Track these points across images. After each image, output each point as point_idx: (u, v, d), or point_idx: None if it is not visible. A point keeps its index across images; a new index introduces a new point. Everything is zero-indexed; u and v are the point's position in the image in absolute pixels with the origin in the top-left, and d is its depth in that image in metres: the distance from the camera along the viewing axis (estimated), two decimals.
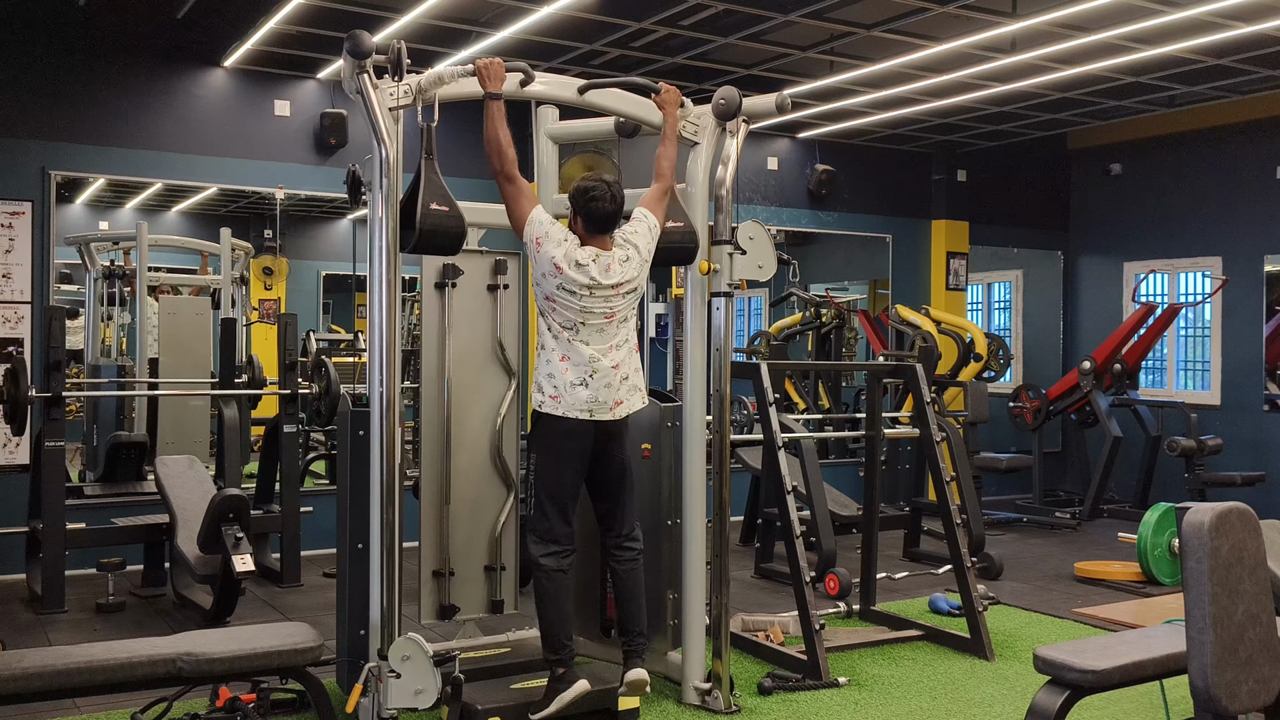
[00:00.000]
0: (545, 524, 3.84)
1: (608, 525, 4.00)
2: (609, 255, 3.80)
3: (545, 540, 3.84)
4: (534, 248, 3.76)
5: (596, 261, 3.76)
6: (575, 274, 3.73)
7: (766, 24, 6.09)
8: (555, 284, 3.74)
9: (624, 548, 3.98)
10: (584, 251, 3.77)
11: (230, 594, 5.07)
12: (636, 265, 3.85)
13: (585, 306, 3.76)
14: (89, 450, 7.09)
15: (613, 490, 3.96)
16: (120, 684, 3.09)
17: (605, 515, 4.00)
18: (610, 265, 3.79)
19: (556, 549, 3.84)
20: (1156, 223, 9.29)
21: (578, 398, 3.76)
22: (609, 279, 3.77)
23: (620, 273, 3.80)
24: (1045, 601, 5.85)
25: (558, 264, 3.72)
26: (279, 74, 6.95)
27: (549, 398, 3.78)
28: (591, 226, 3.82)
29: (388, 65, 3.51)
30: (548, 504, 3.84)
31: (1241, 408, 8.66)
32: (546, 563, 3.83)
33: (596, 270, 3.75)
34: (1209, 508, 2.53)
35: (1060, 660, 2.97)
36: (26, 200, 6.21)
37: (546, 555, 3.83)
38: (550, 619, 3.82)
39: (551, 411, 3.78)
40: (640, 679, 3.81)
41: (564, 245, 3.75)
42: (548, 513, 3.84)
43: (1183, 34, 6.27)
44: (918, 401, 5.29)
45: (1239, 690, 2.48)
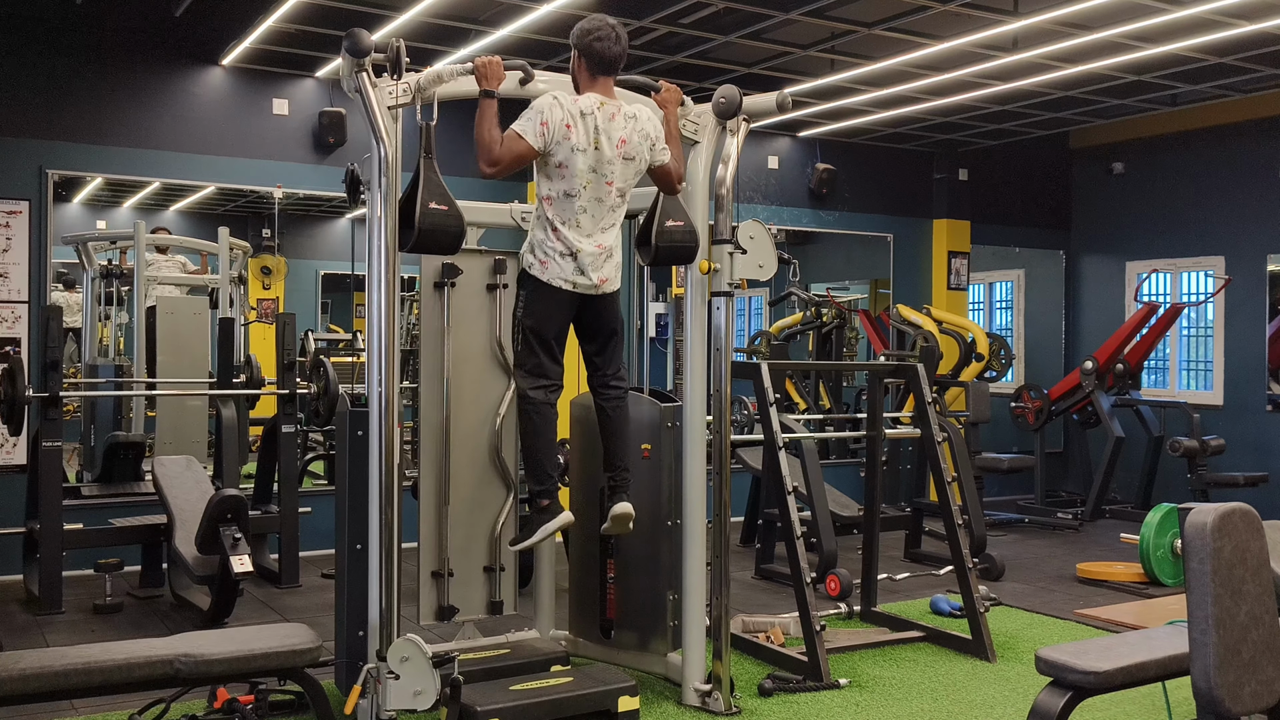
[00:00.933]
0: (534, 360, 3.84)
1: (595, 365, 4.03)
2: (614, 104, 3.76)
3: (534, 374, 3.84)
4: (540, 128, 3.65)
5: (601, 109, 3.71)
6: (582, 127, 3.67)
7: (767, 22, 6.09)
8: (569, 146, 3.67)
9: (610, 385, 4.02)
10: (586, 99, 3.72)
11: (228, 595, 5.06)
12: (638, 139, 3.78)
13: (590, 166, 3.70)
14: (86, 450, 7.07)
15: (602, 336, 3.98)
16: (118, 685, 3.09)
17: (592, 355, 4.02)
18: (614, 115, 3.74)
19: (546, 383, 3.84)
20: (1159, 222, 9.28)
21: (564, 268, 3.76)
22: (613, 130, 3.72)
23: (624, 127, 3.75)
24: (1047, 602, 5.84)
25: (568, 123, 3.66)
26: (277, 72, 6.94)
27: (538, 262, 3.78)
28: (595, 68, 3.76)
29: (386, 64, 3.50)
30: (534, 340, 3.83)
31: (1244, 408, 8.65)
32: (535, 395, 3.83)
33: (601, 118, 3.70)
34: (1212, 508, 2.52)
35: (1062, 661, 2.96)
36: (24, 199, 6.21)
37: (535, 388, 3.83)
38: (537, 450, 3.84)
39: (539, 276, 3.78)
40: (626, 511, 3.89)
41: (563, 107, 3.67)
42: (535, 349, 3.83)
43: (1185, 32, 6.26)
44: (919, 402, 5.27)
45: (1242, 692, 2.46)
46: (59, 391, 5.39)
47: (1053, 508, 8.55)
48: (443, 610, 4.34)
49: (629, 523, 3.92)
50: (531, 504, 3.91)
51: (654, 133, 3.85)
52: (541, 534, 3.81)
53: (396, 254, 3.53)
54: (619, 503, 3.91)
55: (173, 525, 5.42)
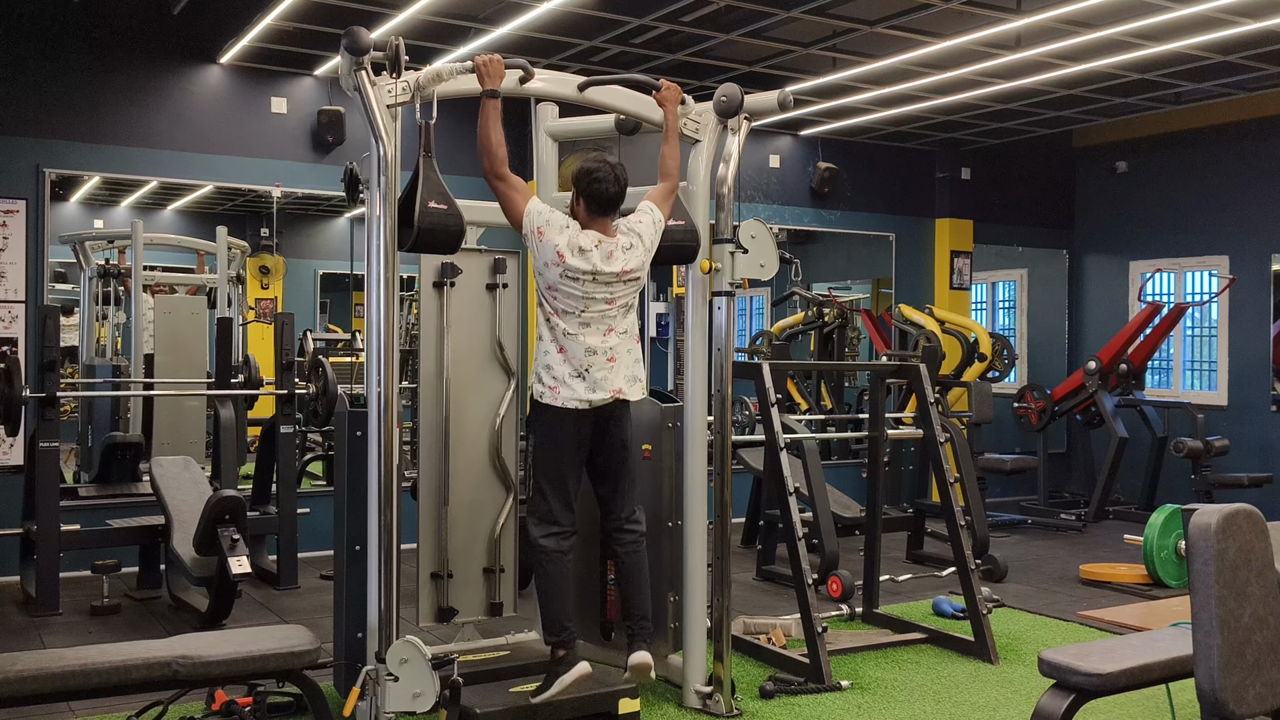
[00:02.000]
0: (545, 507, 3.83)
1: (608, 509, 3.98)
2: (612, 241, 3.79)
3: (546, 522, 3.83)
4: (536, 238, 3.74)
5: (599, 247, 3.75)
6: (578, 260, 3.70)
7: (768, 20, 6.08)
8: (558, 272, 3.71)
9: (625, 530, 3.95)
10: (586, 236, 3.75)
11: (226, 596, 5.05)
12: (640, 255, 3.83)
13: (587, 293, 3.74)
14: (84, 451, 7.05)
15: (612, 474, 3.94)
16: (115, 687, 3.08)
17: (605, 499, 3.98)
18: (613, 252, 3.77)
19: (557, 530, 3.83)
20: (1162, 221, 9.26)
21: (575, 390, 3.75)
22: (611, 266, 3.75)
23: (623, 260, 3.78)
24: (1050, 604, 5.83)
25: (560, 251, 3.70)
26: (276, 71, 6.93)
27: (548, 389, 3.77)
28: (594, 208, 3.80)
29: (386, 62, 3.49)
30: (547, 487, 3.83)
31: (1248, 408, 8.63)
32: (546, 544, 3.81)
33: (599, 256, 3.74)
34: (1215, 509, 2.52)
35: (1065, 663, 2.96)
36: (21, 199, 6.19)
37: (546, 536, 3.82)
38: (551, 601, 3.81)
39: (550, 402, 3.77)
40: (644, 662, 3.80)
41: (566, 232, 3.73)
42: (547, 496, 3.82)
43: (1189, 30, 6.25)
44: (921, 402, 5.26)
45: (1246, 693, 2.46)
46: (56, 392, 5.37)
47: (1056, 509, 8.53)
48: (442, 612, 4.33)
49: (650, 673, 3.83)
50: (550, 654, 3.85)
51: (653, 232, 3.89)
52: (558, 687, 3.73)
53: (396, 253, 3.53)
54: (638, 653, 3.82)
55: (170, 526, 5.41)
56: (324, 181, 7.01)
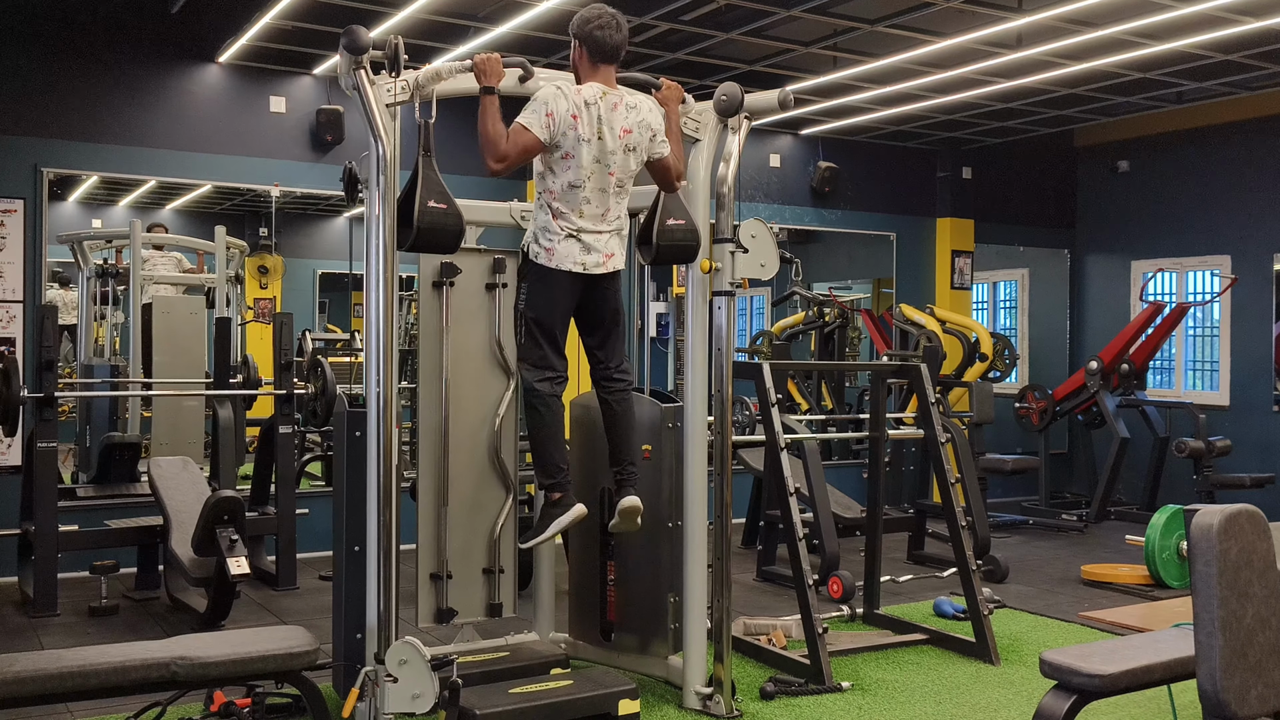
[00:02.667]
0: (539, 352, 3.83)
1: (597, 359, 4.01)
2: (615, 94, 3.76)
3: (539, 367, 3.83)
4: (545, 120, 3.65)
5: (604, 99, 3.72)
6: (586, 117, 3.67)
7: (769, 19, 6.06)
8: (575, 136, 3.67)
9: (613, 379, 4.00)
10: (589, 89, 3.72)
11: (225, 597, 5.05)
12: (640, 130, 3.77)
13: (595, 157, 3.70)
14: (82, 451, 7.06)
15: (605, 327, 3.96)
16: (113, 689, 3.08)
17: (595, 348, 4.00)
18: (616, 105, 3.74)
19: (552, 375, 3.84)
20: (1164, 221, 9.25)
21: (571, 250, 3.75)
22: (614, 121, 3.72)
23: (625, 117, 3.75)
24: (1051, 605, 5.82)
25: (574, 114, 3.66)
26: (274, 70, 6.91)
27: (544, 250, 3.76)
28: (596, 56, 3.76)
29: (385, 61, 3.48)
30: (538, 333, 3.82)
31: (1251, 408, 8.62)
32: (541, 388, 3.82)
33: (604, 108, 3.70)
34: (1218, 510, 2.51)
35: (1067, 665, 2.95)
36: (18, 198, 6.17)
37: (541, 380, 3.83)
38: (545, 443, 3.83)
39: (545, 264, 3.76)
40: (634, 505, 3.87)
41: (568, 97, 3.68)
42: (540, 341, 3.82)
43: (1191, 29, 6.23)
44: (922, 402, 5.25)
45: (1248, 695, 2.45)
46: (54, 392, 5.37)
47: (1057, 509, 8.51)
48: (441, 613, 4.32)
49: (638, 517, 3.90)
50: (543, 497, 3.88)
51: (655, 124, 3.85)
52: (554, 528, 3.80)
53: (395, 253, 3.52)
54: (627, 497, 3.89)
55: (169, 527, 5.40)
56: (323, 181, 7.00)
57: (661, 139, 3.86)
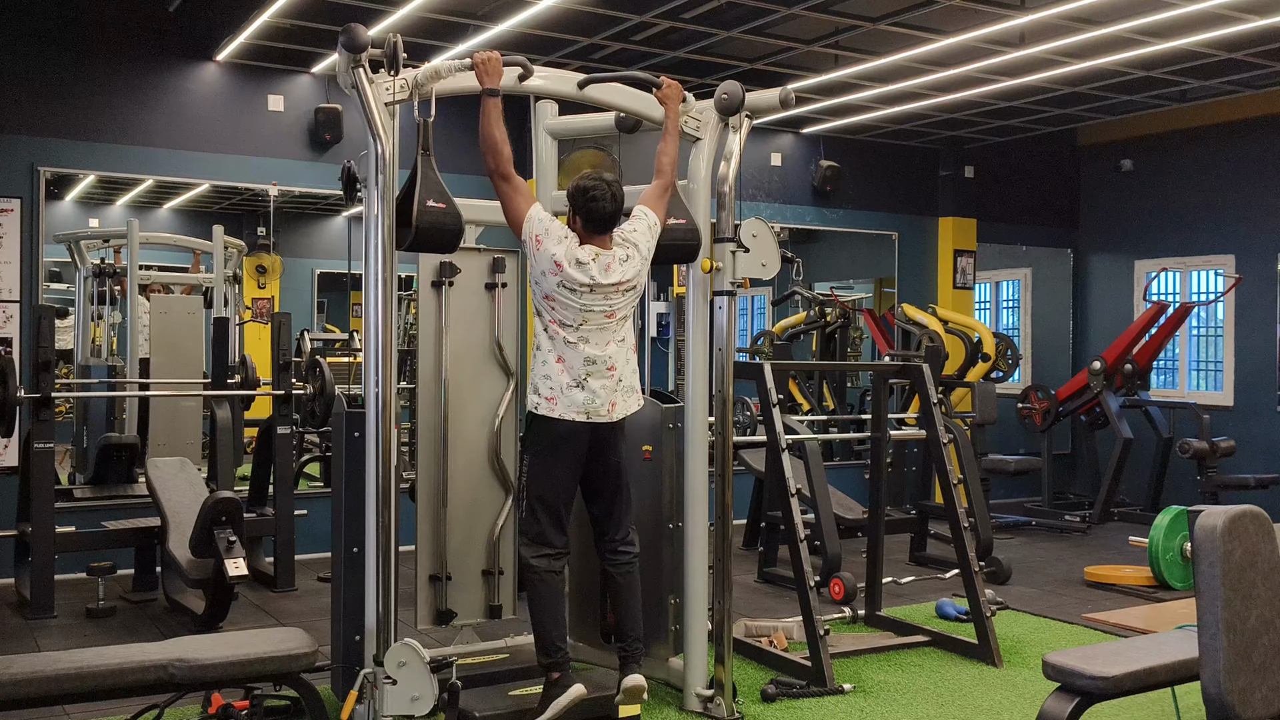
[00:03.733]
0: (537, 528, 3.83)
1: (602, 529, 3.99)
2: (609, 254, 3.79)
3: (538, 543, 3.83)
4: (534, 245, 3.74)
5: (597, 260, 3.75)
6: (575, 272, 3.71)
7: (770, 17, 6.05)
8: (555, 281, 3.72)
9: (619, 552, 3.96)
10: (584, 250, 3.76)
11: (223, 599, 5.04)
12: (637, 264, 3.84)
13: (585, 305, 3.74)
14: (79, 452, 7.06)
15: (608, 494, 3.94)
16: (110, 691, 3.08)
17: (600, 519, 3.98)
18: (610, 265, 3.77)
19: (550, 552, 3.83)
20: (1168, 220, 9.23)
21: (574, 399, 3.74)
22: (609, 278, 3.76)
23: (620, 272, 3.79)
24: (1054, 606, 5.80)
25: (558, 261, 3.70)
26: (273, 68, 6.90)
27: (545, 399, 3.76)
28: (591, 226, 3.80)
29: (384, 59, 3.47)
30: (540, 508, 3.82)
31: (1255, 409, 8.60)
32: (538, 564, 3.81)
33: (597, 269, 3.74)
34: (1222, 511, 2.49)
35: (1070, 666, 2.95)
36: (15, 197, 6.16)
37: (538, 557, 3.82)
38: (544, 622, 3.80)
39: (547, 414, 3.76)
40: (637, 685, 3.78)
41: (564, 243, 3.74)
42: (540, 517, 3.82)
43: (1195, 27, 6.22)
44: (924, 402, 5.24)
45: (1252, 697, 2.43)
46: (51, 392, 5.35)
47: (1060, 510, 8.49)
48: (440, 614, 4.31)
49: (643, 695, 3.81)
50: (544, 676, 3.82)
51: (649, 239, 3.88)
52: (553, 710, 3.71)
53: (394, 252, 3.52)
54: (631, 675, 3.80)
55: (166, 528, 5.39)
56: (321, 180, 6.98)
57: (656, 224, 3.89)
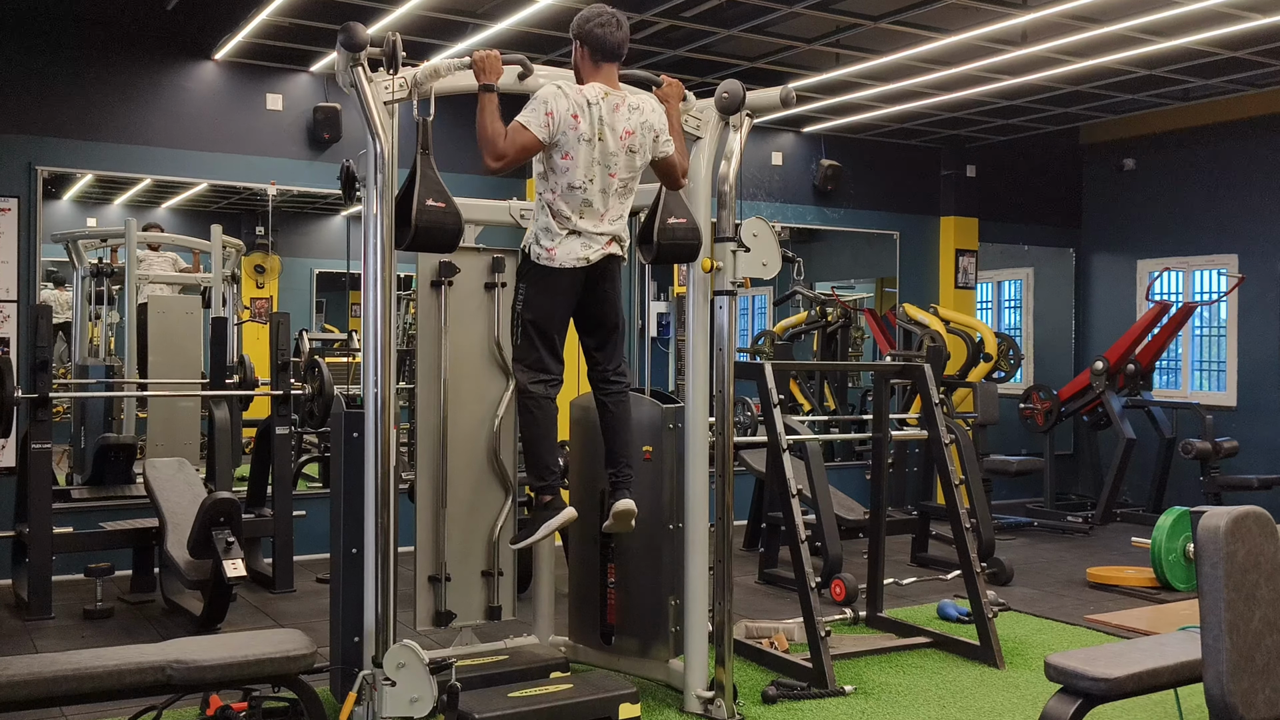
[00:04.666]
0: (535, 354, 3.81)
1: (594, 360, 4.00)
2: (618, 95, 3.73)
3: (534, 369, 3.82)
4: (545, 119, 3.61)
5: (606, 99, 3.68)
6: (587, 117, 3.63)
7: (771, 16, 6.04)
8: (575, 136, 3.63)
9: (611, 380, 3.99)
10: (590, 89, 3.69)
11: (221, 600, 5.03)
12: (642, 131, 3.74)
13: (595, 159, 3.67)
14: (76, 453, 7.05)
15: (604, 325, 3.94)
16: (108, 692, 3.08)
17: (593, 349, 3.99)
18: (618, 106, 3.70)
19: (546, 377, 3.83)
20: (1171, 219, 9.21)
21: (572, 247, 3.72)
22: (616, 122, 3.68)
23: (627, 119, 3.71)
24: (1057, 608, 5.78)
25: (575, 114, 3.63)
26: (271, 67, 6.89)
27: (545, 250, 3.73)
28: (598, 55, 3.72)
29: (382, 58, 3.46)
30: (535, 335, 3.80)
31: (1258, 409, 8.58)
32: (535, 389, 3.81)
33: (605, 109, 3.67)
34: (1225, 511, 2.49)
35: (1072, 668, 2.94)
36: (12, 196, 6.16)
37: (536, 383, 3.81)
38: (539, 445, 3.82)
39: (546, 264, 3.73)
40: (628, 508, 3.86)
41: (568, 97, 3.64)
42: (536, 344, 3.80)
43: (1198, 26, 6.22)
44: (926, 403, 5.23)
45: (1255, 698, 2.43)
46: (48, 392, 5.34)
47: (1062, 511, 8.47)
48: (440, 616, 4.30)
49: (631, 520, 3.89)
50: (533, 500, 3.88)
51: (658, 124, 3.82)
52: (544, 531, 3.80)
53: (393, 252, 3.51)
54: (621, 499, 3.88)
55: (164, 529, 5.38)
56: (320, 179, 6.98)
57: (666, 139, 3.84)
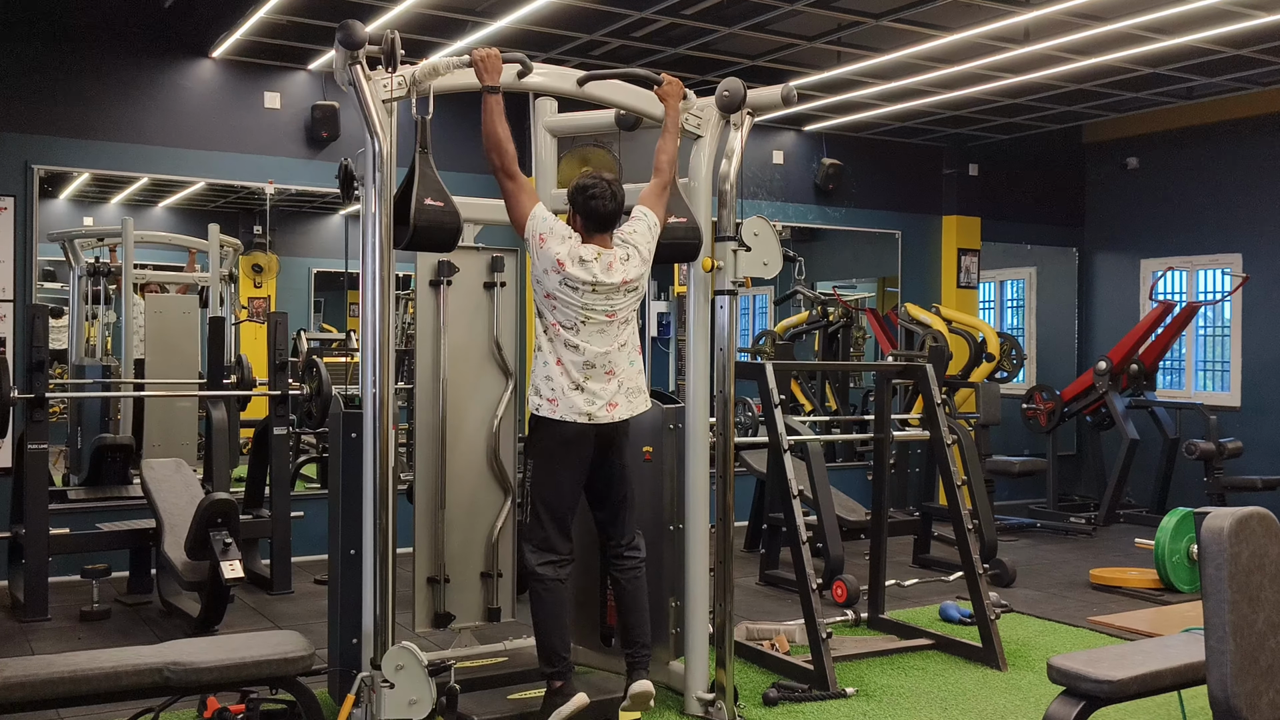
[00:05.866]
0: (542, 534, 3.80)
1: (608, 534, 3.96)
2: (610, 253, 3.78)
3: (543, 549, 3.80)
4: (537, 243, 3.72)
5: (599, 259, 3.74)
6: (578, 270, 3.69)
7: (772, 14, 6.03)
8: (558, 280, 3.69)
9: (624, 557, 3.93)
10: (586, 249, 3.75)
11: (218, 601, 5.02)
12: (638, 265, 3.82)
13: (587, 304, 3.71)
14: (73, 453, 7.05)
15: (613, 498, 3.91)
16: (105, 694, 3.08)
17: (605, 524, 3.96)
18: (612, 264, 3.76)
19: (554, 558, 3.80)
20: (1174, 218, 9.19)
21: (575, 402, 3.71)
22: (611, 277, 3.74)
23: (622, 271, 3.77)
24: (1060, 609, 5.78)
25: (561, 260, 3.68)
26: (269, 65, 6.88)
27: (546, 401, 3.73)
28: (592, 225, 3.78)
29: (381, 56, 3.44)
30: (544, 514, 3.79)
31: (1262, 409, 8.56)
32: (543, 572, 3.78)
33: (599, 268, 3.72)
34: (1228, 512, 2.47)
35: (1075, 670, 2.93)
36: (9, 195, 6.14)
37: (544, 564, 3.79)
38: (547, 630, 3.77)
39: (549, 415, 3.72)
40: (645, 691, 3.77)
41: (567, 242, 3.72)
42: (544, 523, 3.79)
43: (1201, 24, 6.21)
44: (928, 403, 5.21)
45: (1260, 701, 2.40)
46: (45, 392, 5.33)
47: (1065, 512, 8.47)
48: (439, 617, 4.29)
49: (649, 701, 3.81)
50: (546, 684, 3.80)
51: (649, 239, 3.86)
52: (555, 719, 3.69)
53: (391, 251, 3.50)
54: (638, 681, 3.79)
55: (162, 530, 5.38)
56: (318, 178, 6.96)
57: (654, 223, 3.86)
